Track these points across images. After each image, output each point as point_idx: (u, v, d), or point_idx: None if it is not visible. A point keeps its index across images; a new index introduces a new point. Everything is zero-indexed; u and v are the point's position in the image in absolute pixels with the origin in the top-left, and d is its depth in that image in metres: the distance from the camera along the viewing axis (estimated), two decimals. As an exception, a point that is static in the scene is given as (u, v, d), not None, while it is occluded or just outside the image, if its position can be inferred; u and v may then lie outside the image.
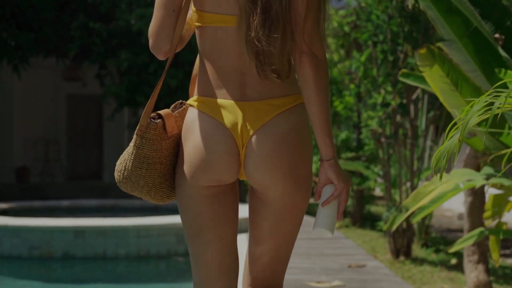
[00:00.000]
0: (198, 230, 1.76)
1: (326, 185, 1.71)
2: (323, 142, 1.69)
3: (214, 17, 1.71)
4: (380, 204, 12.75)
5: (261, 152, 1.68)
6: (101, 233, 6.38)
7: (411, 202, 3.48)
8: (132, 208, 9.52)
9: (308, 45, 1.67)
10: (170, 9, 1.71)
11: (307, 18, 1.67)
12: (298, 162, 1.72)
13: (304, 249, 6.05)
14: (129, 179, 1.76)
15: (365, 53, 6.40)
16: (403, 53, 6.16)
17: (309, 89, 1.68)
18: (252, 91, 1.71)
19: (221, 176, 1.72)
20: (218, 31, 1.72)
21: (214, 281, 1.77)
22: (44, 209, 9.10)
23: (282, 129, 1.69)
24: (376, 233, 8.35)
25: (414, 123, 6.37)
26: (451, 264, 6.08)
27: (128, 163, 1.76)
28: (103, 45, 11.02)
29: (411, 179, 6.35)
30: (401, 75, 3.77)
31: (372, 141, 6.64)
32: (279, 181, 1.69)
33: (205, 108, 1.72)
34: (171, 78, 10.59)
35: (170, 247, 6.59)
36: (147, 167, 1.74)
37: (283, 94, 1.71)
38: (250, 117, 1.69)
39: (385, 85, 6.14)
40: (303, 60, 1.68)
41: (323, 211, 1.68)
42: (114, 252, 6.40)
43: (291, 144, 1.70)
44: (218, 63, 1.73)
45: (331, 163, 1.69)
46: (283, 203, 1.73)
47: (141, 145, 1.74)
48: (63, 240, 6.33)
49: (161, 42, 1.72)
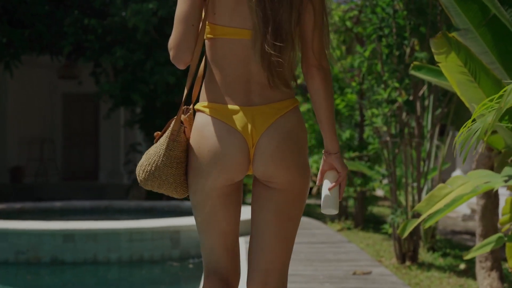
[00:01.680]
0: (209, 221, 2.01)
1: (327, 171, 2.02)
2: (330, 139, 2.00)
3: (226, 30, 1.94)
4: (383, 205, 12.45)
5: (268, 149, 1.94)
6: (91, 236, 6.07)
7: (424, 206, 3.16)
8: (127, 209, 9.21)
9: (318, 59, 1.96)
10: (190, 24, 1.91)
11: (315, 35, 1.95)
12: (297, 154, 1.98)
13: (305, 254, 5.73)
14: (159, 177, 1.97)
15: (369, 48, 6.09)
16: (409, 48, 5.85)
17: (319, 97, 1.98)
18: (257, 97, 1.95)
19: (234, 175, 1.96)
20: (228, 42, 1.94)
21: (222, 262, 2.05)
22: (36, 211, 8.79)
23: (285, 129, 1.95)
24: (380, 235, 8.05)
25: (421, 121, 6.07)
26: (460, 270, 5.79)
27: (158, 163, 1.96)
28: (98, 42, 10.70)
29: (418, 180, 6.04)
30: (413, 68, 3.45)
31: (376, 140, 6.32)
32: (283, 170, 1.95)
33: (217, 114, 1.94)
34: (169, 75, 10.28)
35: (165, 252, 6.28)
36: (176, 166, 1.97)
37: (282, 98, 1.97)
38: (257, 120, 1.93)
39: (391, 81, 5.83)
40: (313, 72, 1.97)
41: (328, 194, 1.98)
42: (106, 257, 6.09)
43: (291, 140, 1.96)
44: (227, 72, 1.95)
45: (338, 155, 2.02)
46: (289, 187, 1.97)
47: (173, 148, 1.96)
48: (51, 245, 6.03)
49: (183, 54, 1.92)
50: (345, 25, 8.43)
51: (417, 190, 6.07)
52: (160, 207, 9.27)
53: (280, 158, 1.94)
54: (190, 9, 1.91)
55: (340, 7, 8.42)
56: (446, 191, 3.16)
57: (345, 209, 9.53)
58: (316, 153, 9.29)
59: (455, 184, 3.17)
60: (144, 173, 1.98)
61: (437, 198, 3.16)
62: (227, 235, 2.04)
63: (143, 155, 2.04)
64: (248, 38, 1.93)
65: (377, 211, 11.38)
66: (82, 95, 14.91)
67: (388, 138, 6.11)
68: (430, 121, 6.68)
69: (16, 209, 8.71)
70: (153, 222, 6.45)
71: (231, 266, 2.07)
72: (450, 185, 3.18)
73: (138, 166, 2.01)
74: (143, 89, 10.56)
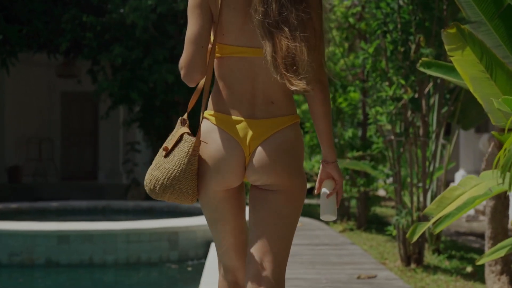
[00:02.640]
0: (215, 221, 2.16)
1: (324, 180, 2.14)
2: (328, 148, 2.13)
3: (233, 49, 2.05)
4: (385, 205, 12.27)
5: (260, 158, 2.05)
6: (87, 238, 5.90)
7: (435, 208, 2.99)
8: (125, 210, 9.04)
9: (317, 74, 2.01)
10: (199, 45, 2.02)
11: (317, 51, 2.01)
12: (289, 161, 2.07)
13: (308, 256, 5.56)
14: (180, 190, 2.06)
15: (374, 44, 5.91)
16: (415, 44, 5.67)
17: (318, 109, 2.09)
18: (260, 111, 2.07)
19: (230, 181, 2.08)
20: (236, 60, 2.06)
21: (232, 256, 2.19)
22: (32, 211, 8.61)
23: (278, 141, 2.07)
24: (383, 237, 7.88)
25: (426, 119, 5.89)
26: (466, 272, 5.61)
27: (176, 174, 2.05)
28: (96, 40, 10.52)
29: (423, 180, 5.86)
30: (421, 65, 3.27)
31: (381, 139, 6.14)
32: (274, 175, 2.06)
33: (221, 123, 2.07)
34: (168, 73, 10.10)
35: (163, 254, 6.12)
36: (195, 178, 2.08)
37: (283, 114, 2.08)
38: (257, 132, 2.05)
39: (396, 78, 5.65)
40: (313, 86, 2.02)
41: (327, 201, 2.10)
42: (102, 259, 5.93)
43: (283, 150, 2.07)
44: (234, 87, 2.07)
45: (335, 164, 2.13)
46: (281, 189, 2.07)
47: (194, 162, 2.07)
48: (46, 246, 5.86)
49: (193, 73, 2.04)
50: (347, 21, 8.25)
51: (423, 191, 5.89)
52: (159, 208, 9.09)
53: (269, 165, 2.06)
54: (200, 31, 2.03)
55: (343, 3, 8.23)
56: (457, 192, 2.98)
57: (348, 210, 9.35)
58: (318, 153, 9.11)
59: (467, 185, 3.00)
60: (162, 187, 2.07)
61: (448, 200, 2.99)
62: (236, 233, 2.19)
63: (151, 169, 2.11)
64: (254, 55, 2.05)
65: (380, 212, 11.21)
66: (81, 94, 14.73)
67: (393, 137, 5.93)
68: (436, 119, 6.51)
69: (12, 209, 8.53)
70: (150, 223, 6.28)
71: (240, 264, 2.21)
72: (461, 187, 3.01)
73: (152, 179, 2.09)
74: (142, 87, 10.38)
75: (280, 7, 1.97)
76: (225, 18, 2.05)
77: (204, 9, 2.04)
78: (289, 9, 1.97)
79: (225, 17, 2.05)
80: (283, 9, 1.97)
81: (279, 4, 1.97)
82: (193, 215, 8.56)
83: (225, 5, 2.04)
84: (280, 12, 1.97)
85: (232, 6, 2.04)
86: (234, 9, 2.04)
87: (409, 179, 6.09)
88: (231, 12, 2.04)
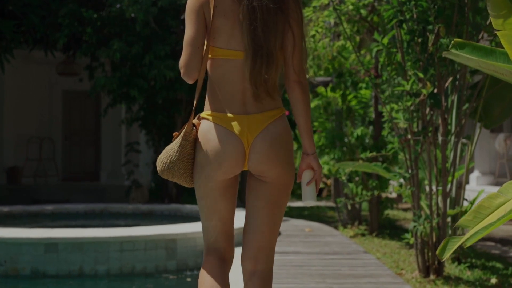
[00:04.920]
0: (211, 209, 2.45)
1: (305, 170, 2.45)
2: (308, 141, 2.44)
3: (224, 52, 2.37)
4: (396, 208, 11.72)
5: (261, 149, 2.39)
6: (77, 246, 5.43)
7: (471, 220, 2.49)
8: (123, 213, 8.56)
9: (297, 76, 2.39)
10: (195, 47, 2.36)
11: (294, 56, 2.38)
12: (285, 153, 2.42)
13: (317, 268, 5.06)
14: (173, 169, 2.43)
15: (389, 35, 5.41)
16: (433, 34, 5.17)
17: (299, 106, 2.42)
18: (251, 107, 2.40)
19: (232, 169, 2.39)
20: (226, 62, 2.38)
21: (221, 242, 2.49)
22: (24, 215, 8.15)
23: (274, 133, 2.40)
24: (397, 243, 7.39)
25: (446, 117, 5.39)
26: (491, 284, 5.11)
27: (173, 158, 2.42)
28: (95, 35, 10.04)
29: (443, 183, 5.36)
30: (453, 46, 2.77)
31: (396, 138, 5.63)
32: (273, 167, 2.40)
33: (218, 121, 2.39)
34: (169, 69, 9.62)
35: (159, 263, 5.64)
36: (187, 161, 2.43)
37: (272, 108, 2.42)
38: (252, 125, 2.38)
39: (412, 71, 5.15)
40: (293, 86, 2.41)
41: (307, 189, 2.44)
42: (93, 269, 5.46)
43: (279, 143, 2.41)
44: (226, 87, 2.39)
45: (314, 156, 2.44)
46: (277, 181, 2.42)
47: (185, 146, 2.42)
48: (32, 255, 5.40)
49: (191, 71, 2.39)
50: (359, 13, 7.75)
51: (442, 195, 5.39)
52: (159, 211, 8.61)
53: (270, 157, 2.38)
54: (195, 35, 2.35)
55: (355, -6, 7.72)
56: (498, 201, 2.49)
57: (359, 214, 8.84)
58: (326, 153, 8.59)
59: (510, 192, 2.50)
60: (162, 165, 2.45)
61: (487, 210, 2.49)
62: (225, 221, 2.48)
63: (161, 153, 2.48)
64: (241, 58, 2.36)
65: (392, 215, 10.70)
66: (82, 92, 14.30)
67: (410, 136, 5.43)
68: (455, 117, 6.01)
69: (3, 213, 8.05)
70: (146, 230, 5.80)
71: (227, 245, 2.51)
72: (503, 194, 2.51)
73: (158, 159, 2.47)
74: (142, 84, 9.91)
75: (262, 15, 2.30)
76: (216, 23, 2.36)
77: (199, 15, 2.37)
78: (271, 19, 2.31)
79: (216, 23, 2.36)
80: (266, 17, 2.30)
81: (262, 12, 2.30)
82: (195, 218, 8.08)
83: (217, 12, 2.35)
84: (263, 20, 2.30)
85: (222, 13, 2.35)
86: (224, 16, 2.35)
87: (426, 182, 5.57)
88: (221, 19, 2.36)
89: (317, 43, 8.26)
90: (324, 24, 8.25)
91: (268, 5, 2.29)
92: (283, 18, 2.32)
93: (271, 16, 2.30)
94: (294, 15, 2.34)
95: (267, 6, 2.29)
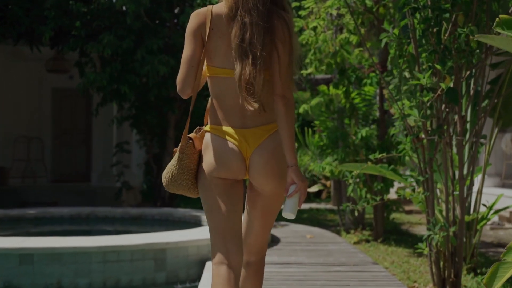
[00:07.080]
0: (216, 209, 2.59)
1: (291, 184, 2.52)
2: (290, 154, 2.52)
3: (220, 71, 2.56)
4: (401, 211, 11.20)
5: (260, 163, 2.58)
6: (55, 257, 4.91)
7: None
8: (111, 217, 8.02)
9: (283, 90, 2.51)
10: (190, 65, 2.54)
11: (282, 72, 2.50)
12: (280, 168, 2.59)
13: (322, 282, 4.55)
14: (176, 182, 2.65)
15: (402, 23, 4.90)
16: (450, 23, 4.65)
17: (282, 119, 2.51)
18: (249, 121, 2.58)
19: (235, 174, 2.60)
20: (224, 80, 2.56)
21: (227, 242, 2.59)
22: (4, 220, 7.61)
23: (271, 147, 2.58)
24: (404, 250, 6.90)
25: (464, 115, 4.88)
26: (513, 299, 4.60)
27: (174, 171, 2.64)
28: (83, 28, 9.50)
29: (461, 187, 4.85)
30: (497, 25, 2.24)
31: (409, 138, 5.12)
32: (271, 181, 2.59)
33: (219, 133, 2.59)
34: (162, 65, 9.09)
35: (147, 275, 5.12)
36: (187, 173, 2.64)
37: (268, 122, 2.59)
38: (250, 139, 2.57)
39: (428, 64, 4.64)
40: (278, 100, 2.52)
41: (289, 201, 2.50)
42: (73, 283, 4.94)
43: (276, 157, 2.59)
44: (226, 103, 2.58)
45: (294, 168, 2.51)
46: (272, 193, 2.64)
47: (183, 158, 2.62)
48: (5, 267, 4.88)
49: (185, 88, 2.56)
50: (364, 3, 7.24)
51: (460, 200, 4.88)
52: (150, 215, 8.08)
53: (268, 172, 2.57)
54: (191, 54, 2.54)
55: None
56: None
57: (363, 218, 8.32)
58: (328, 154, 8.07)
59: None
60: (166, 180, 2.67)
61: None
62: (230, 220, 2.58)
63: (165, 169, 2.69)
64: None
65: (396, 217, 10.19)
66: (73, 90, 13.75)
67: (423, 135, 4.91)
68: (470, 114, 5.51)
69: (-18, 218, 7.51)
70: (132, 238, 5.27)
71: (234, 247, 2.58)
72: None
73: (162, 175, 2.69)
74: (134, 81, 9.38)
75: (252, 34, 2.43)
76: (213, 44, 2.53)
77: (196, 37, 2.54)
78: (258, 39, 2.42)
79: (212, 43, 2.53)
80: (254, 37, 2.42)
81: (252, 32, 2.43)
82: (188, 224, 7.55)
83: (213, 34, 2.52)
84: (251, 39, 2.42)
85: (218, 35, 2.52)
86: (220, 38, 2.52)
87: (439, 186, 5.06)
88: (217, 40, 2.52)
89: (318, 36, 7.74)
90: (326, 16, 7.75)
91: (258, 22, 2.43)
92: (270, 38, 2.45)
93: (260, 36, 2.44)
94: (280, 34, 2.48)
95: (257, 24, 2.43)
